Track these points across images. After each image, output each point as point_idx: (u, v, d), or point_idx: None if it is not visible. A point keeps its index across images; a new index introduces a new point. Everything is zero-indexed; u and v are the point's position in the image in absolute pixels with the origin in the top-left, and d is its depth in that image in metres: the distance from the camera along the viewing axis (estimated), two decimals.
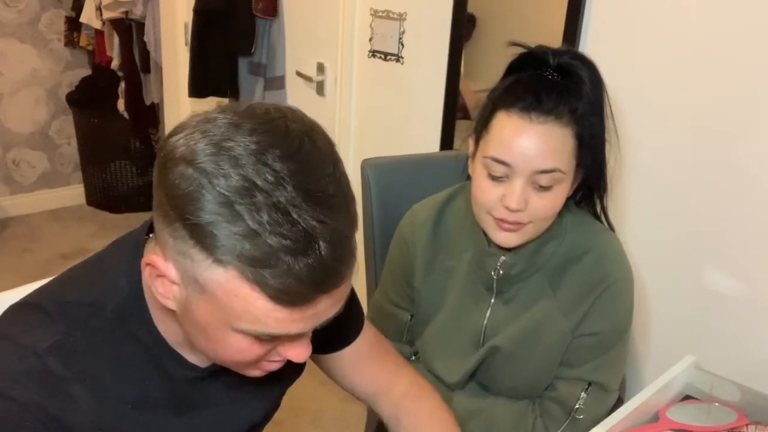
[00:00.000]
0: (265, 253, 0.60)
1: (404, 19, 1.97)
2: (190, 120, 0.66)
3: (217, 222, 0.61)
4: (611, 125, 1.10)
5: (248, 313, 0.65)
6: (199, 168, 0.61)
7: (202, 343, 0.73)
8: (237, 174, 0.61)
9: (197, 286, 0.65)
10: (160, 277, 0.69)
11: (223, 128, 0.64)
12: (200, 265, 0.63)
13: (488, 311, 1.18)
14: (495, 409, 1.18)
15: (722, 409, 1.10)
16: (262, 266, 0.61)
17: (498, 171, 1.03)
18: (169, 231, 0.64)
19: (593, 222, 1.18)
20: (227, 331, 0.68)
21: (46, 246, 3.36)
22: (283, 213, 0.61)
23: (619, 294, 1.12)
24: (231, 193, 0.60)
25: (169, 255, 0.66)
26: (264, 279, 0.62)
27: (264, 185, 0.61)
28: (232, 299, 0.64)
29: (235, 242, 0.61)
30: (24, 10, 3.43)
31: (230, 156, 0.61)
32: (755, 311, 1.37)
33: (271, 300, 0.63)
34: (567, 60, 1.05)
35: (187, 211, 0.62)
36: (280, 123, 0.65)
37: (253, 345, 0.70)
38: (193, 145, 0.63)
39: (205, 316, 0.68)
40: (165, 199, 0.64)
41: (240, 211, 0.60)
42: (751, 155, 1.32)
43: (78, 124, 3.65)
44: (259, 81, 2.42)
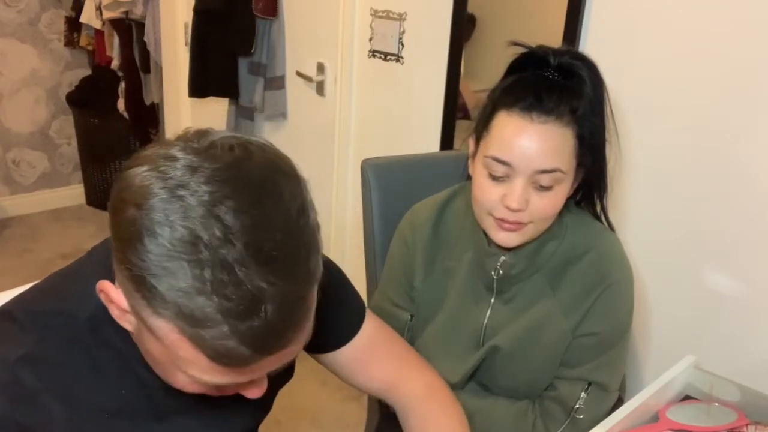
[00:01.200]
0: (205, 313, 0.57)
1: (404, 19, 1.97)
2: (151, 153, 0.63)
3: (159, 275, 0.58)
4: (611, 125, 1.10)
5: (196, 363, 0.62)
6: (148, 216, 0.58)
7: (156, 370, 0.72)
8: (183, 226, 0.57)
9: (143, 324, 0.64)
10: (111, 303, 0.67)
11: (180, 171, 0.59)
12: (144, 311, 0.61)
13: (488, 311, 1.18)
14: (495, 409, 1.18)
15: (722, 409, 1.10)
16: (201, 326, 0.58)
17: (499, 171, 1.03)
18: (118, 267, 0.63)
19: (593, 222, 1.18)
20: (176, 371, 0.66)
21: (46, 246, 3.36)
22: (228, 272, 0.57)
23: (619, 294, 1.12)
24: (174, 246, 0.57)
25: (121, 286, 0.65)
26: (202, 339, 0.59)
27: (210, 240, 0.57)
28: (177, 349, 0.62)
29: (176, 298, 0.58)
30: (24, 10, 3.43)
31: (181, 205, 0.58)
32: (755, 311, 1.37)
33: (209, 359, 0.60)
34: (568, 60, 1.05)
35: (129, 260, 0.59)
36: (240, 169, 0.61)
37: (205, 386, 0.68)
38: (148, 185, 0.59)
39: (155, 351, 0.66)
40: (114, 236, 0.62)
41: (182, 267, 0.57)
42: (752, 155, 1.32)
43: (78, 124, 3.65)
44: (259, 81, 2.42)
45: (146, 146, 0.65)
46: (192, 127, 0.68)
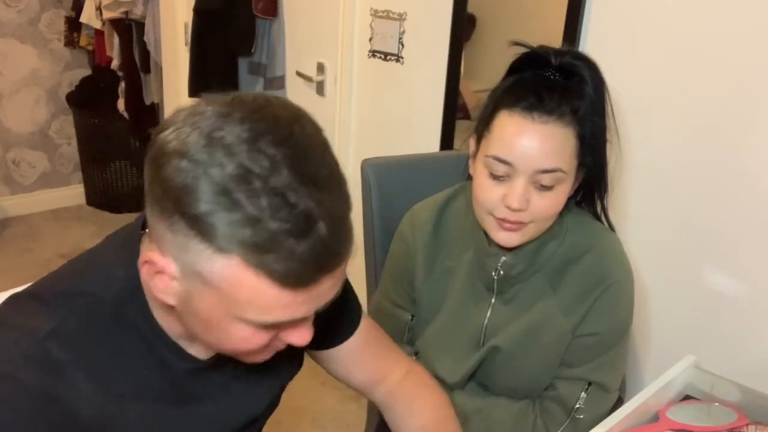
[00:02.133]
0: (267, 238, 0.61)
1: (404, 19, 1.97)
2: (176, 115, 0.66)
3: (216, 211, 0.61)
4: (612, 125, 1.10)
5: (252, 302, 0.65)
6: (193, 159, 0.62)
7: (204, 335, 0.73)
8: (232, 162, 0.61)
9: (200, 279, 0.65)
10: (158, 273, 0.68)
11: (212, 119, 0.64)
12: (202, 256, 0.63)
13: (488, 311, 1.18)
14: (495, 408, 1.18)
15: (722, 409, 1.10)
16: (265, 251, 0.62)
17: (500, 170, 1.03)
18: (167, 225, 0.64)
19: (594, 222, 1.18)
20: (231, 321, 0.68)
21: (46, 246, 3.36)
22: (281, 197, 0.61)
23: (620, 294, 1.12)
24: (228, 181, 0.61)
25: (168, 250, 0.66)
26: (268, 264, 0.62)
27: (260, 171, 0.61)
28: (237, 289, 0.64)
29: (236, 230, 0.61)
30: (24, 10, 3.43)
31: (223, 145, 0.62)
32: (755, 311, 1.37)
33: (275, 284, 0.64)
34: (569, 60, 1.05)
35: (184, 204, 0.62)
36: (268, 111, 0.66)
37: (258, 333, 0.70)
38: (185, 138, 0.63)
39: (208, 308, 0.68)
40: (161, 193, 0.64)
41: (238, 199, 0.60)
42: (752, 155, 1.32)
43: (78, 124, 3.65)
44: (259, 81, 2.42)
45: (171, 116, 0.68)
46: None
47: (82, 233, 3.53)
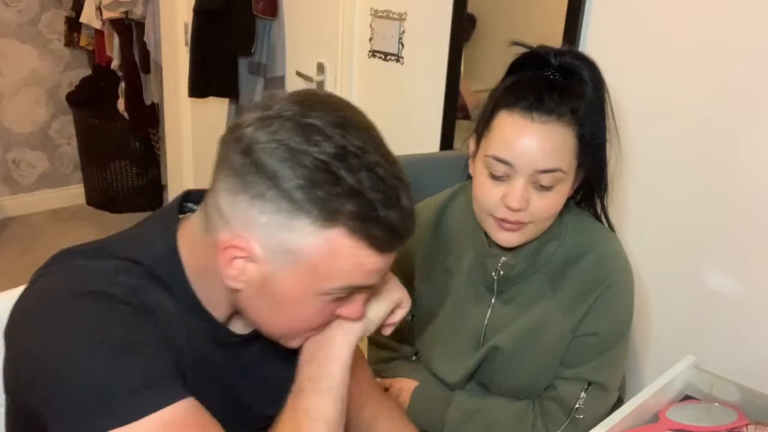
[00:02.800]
0: (368, 208, 0.69)
1: (404, 19, 1.97)
2: (250, 114, 0.72)
3: (320, 186, 0.68)
4: (612, 125, 1.10)
5: (342, 270, 0.72)
6: (292, 142, 0.68)
7: (271, 318, 0.78)
8: (329, 142, 0.69)
9: (289, 257, 0.71)
10: (235, 259, 0.72)
11: (296, 108, 0.71)
12: (303, 232, 0.69)
13: (489, 311, 1.18)
14: (495, 408, 1.18)
15: (722, 409, 1.10)
16: (367, 220, 0.70)
17: (499, 170, 1.03)
18: (261, 208, 0.69)
19: (593, 222, 1.18)
20: (310, 297, 0.75)
21: (46, 246, 3.36)
22: (374, 172, 0.70)
23: (620, 294, 1.12)
24: (328, 159, 0.68)
25: (257, 233, 0.71)
26: (368, 231, 0.70)
27: (354, 150, 0.70)
28: (330, 258, 0.71)
29: (341, 202, 0.68)
30: (24, 10, 3.43)
31: (317, 129, 0.69)
32: (755, 311, 1.37)
33: (372, 249, 0.72)
34: (569, 60, 1.05)
35: (288, 183, 0.68)
36: (342, 104, 0.75)
37: (327, 307, 0.77)
38: (277, 127, 0.70)
39: (292, 286, 0.73)
40: (259, 177, 0.69)
41: (340, 174, 0.68)
42: (752, 155, 1.32)
43: (78, 124, 3.65)
44: (259, 81, 2.42)
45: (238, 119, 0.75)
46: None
47: (82, 233, 3.53)
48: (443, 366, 1.22)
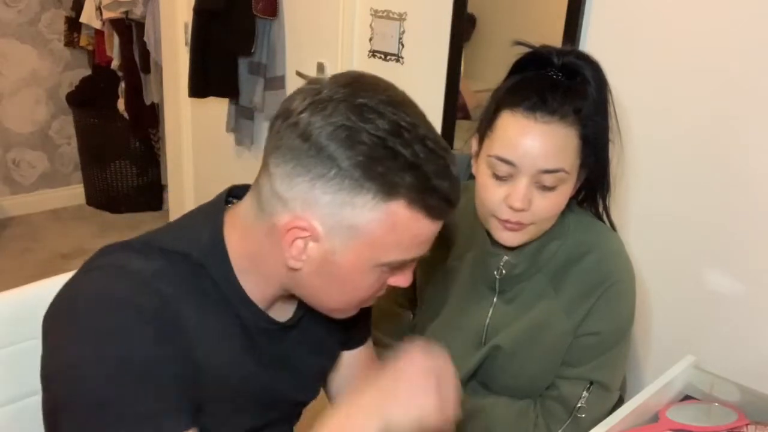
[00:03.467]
0: (426, 179, 0.73)
1: (404, 19, 1.97)
2: (299, 100, 0.74)
3: (380, 162, 0.71)
4: (614, 125, 1.10)
5: (399, 242, 0.76)
6: (348, 123, 0.71)
7: (328, 294, 0.81)
8: (383, 119, 0.72)
9: (350, 233, 0.74)
10: (299, 239, 0.75)
11: (346, 90, 0.74)
12: (364, 207, 0.73)
13: (490, 310, 1.18)
14: (496, 408, 1.18)
15: (722, 409, 1.10)
16: (425, 190, 0.74)
17: (502, 170, 1.03)
18: (323, 188, 0.72)
19: (595, 222, 1.18)
20: (368, 270, 0.78)
21: (46, 246, 3.36)
22: (425, 146, 0.73)
23: (621, 294, 1.12)
24: (385, 135, 0.71)
25: (318, 212, 0.74)
26: (427, 201, 0.74)
27: (406, 125, 0.73)
28: (390, 231, 0.75)
29: (401, 175, 0.72)
30: (24, 10, 3.43)
31: (369, 108, 0.72)
32: (755, 311, 1.37)
33: (429, 218, 0.76)
34: (571, 60, 1.05)
35: (349, 161, 0.71)
36: (387, 85, 0.78)
37: (381, 278, 0.81)
38: (331, 110, 0.72)
39: (351, 260, 0.77)
40: (320, 158, 0.71)
41: (397, 148, 0.71)
42: (753, 155, 1.32)
43: (78, 124, 3.65)
44: (259, 81, 2.42)
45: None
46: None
47: (82, 233, 3.53)
48: None
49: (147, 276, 0.76)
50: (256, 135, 2.57)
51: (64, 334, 0.74)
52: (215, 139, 2.74)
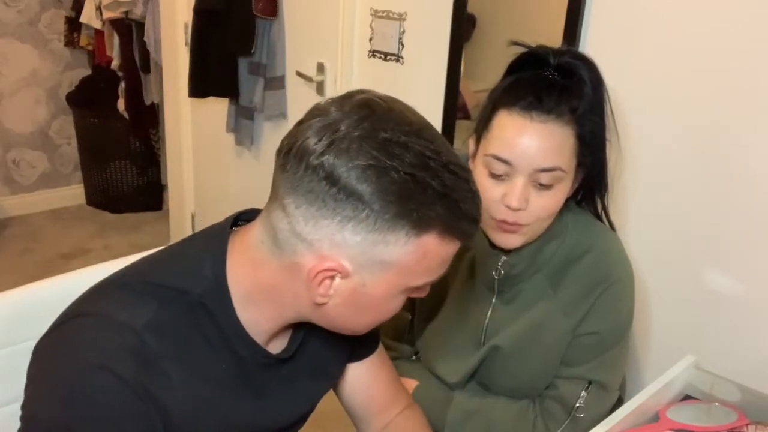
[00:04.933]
0: (456, 206, 0.73)
1: (404, 19, 1.97)
2: (316, 140, 0.72)
3: (411, 197, 0.70)
4: (612, 125, 1.10)
5: (429, 268, 0.77)
6: (376, 163, 0.70)
7: (355, 320, 0.82)
8: (408, 153, 0.71)
9: (382, 267, 0.74)
10: (328, 279, 0.75)
11: (364, 125, 0.72)
12: (397, 244, 0.72)
13: (489, 311, 1.18)
14: (495, 408, 1.18)
15: (722, 409, 1.10)
16: (457, 218, 0.74)
17: (499, 169, 1.03)
18: (352, 231, 0.71)
19: (594, 222, 1.18)
20: (396, 295, 0.79)
21: (46, 246, 3.36)
22: (449, 171, 0.73)
23: (620, 294, 1.12)
24: (412, 168, 0.70)
25: (346, 252, 0.73)
26: (459, 227, 0.75)
27: (431, 154, 0.72)
28: (422, 260, 0.75)
29: (431, 207, 0.72)
30: (24, 10, 3.43)
31: (392, 142, 0.71)
32: (755, 311, 1.37)
33: (458, 241, 0.77)
34: (568, 60, 1.05)
35: (382, 202, 0.70)
36: (402, 108, 0.77)
37: (403, 298, 0.80)
38: (357, 151, 0.70)
39: (382, 290, 0.76)
40: (349, 200, 0.70)
41: (426, 181, 0.71)
42: (752, 154, 1.32)
43: (78, 124, 3.65)
44: (259, 81, 2.42)
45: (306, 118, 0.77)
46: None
47: (82, 233, 3.53)
48: (443, 366, 1.22)
49: (134, 329, 0.74)
50: (256, 135, 2.57)
51: (40, 384, 0.74)
52: (215, 139, 2.74)
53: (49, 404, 0.72)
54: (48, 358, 0.76)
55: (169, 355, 0.76)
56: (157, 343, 0.75)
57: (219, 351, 0.81)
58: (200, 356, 0.79)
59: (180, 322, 0.78)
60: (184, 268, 0.82)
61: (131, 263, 0.85)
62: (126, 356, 0.73)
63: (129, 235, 3.53)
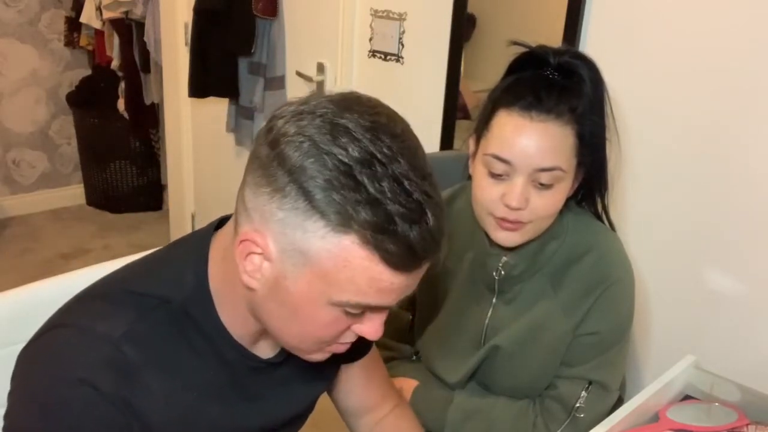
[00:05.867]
0: (385, 219, 0.65)
1: (404, 19, 1.97)
2: (286, 107, 0.70)
3: (338, 189, 0.64)
4: (612, 124, 1.10)
5: (353, 283, 0.68)
6: (318, 140, 0.66)
7: (283, 323, 0.75)
8: (356, 146, 0.65)
9: (302, 259, 0.68)
10: (252, 254, 0.71)
11: (332, 108, 0.68)
12: (315, 235, 0.66)
13: (489, 311, 1.18)
14: (495, 408, 1.18)
15: (722, 409, 1.10)
16: (382, 231, 0.65)
17: (499, 168, 1.03)
18: (279, 204, 0.67)
19: (594, 222, 1.18)
20: (321, 305, 0.71)
21: (46, 246, 3.36)
22: (399, 184, 0.66)
23: (620, 293, 1.12)
24: (352, 163, 0.65)
25: (272, 229, 0.68)
26: (382, 244, 0.66)
27: (382, 157, 0.66)
28: (342, 268, 0.67)
29: (357, 209, 0.64)
30: (24, 10, 3.43)
31: (346, 130, 0.66)
32: (755, 311, 1.37)
33: (385, 265, 0.67)
34: (567, 59, 1.05)
35: (306, 181, 0.65)
36: (382, 109, 0.71)
37: (339, 319, 0.73)
38: (307, 123, 0.67)
39: (303, 290, 0.70)
40: (281, 171, 0.66)
41: (362, 180, 0.64)
42: (752, 154, 1.32)
43: (78, 124, 3.65)
44: (259, 81, 2.42)
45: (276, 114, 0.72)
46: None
47: (82, 233, 3.53)
48: (444, 366, 1.22)
49: (112, 340, 0.73)
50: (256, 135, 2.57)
51: (20, 395, 0.74)
52: (215, 139, 2.74)
53: (28, 416, 0.72)
54: (28, 370, 0.75)
55: (150, 364, 0.74)
56: (136, 353, 0.73)
57: (205, 357, 0.79)
58: (184, 364, 0.78)
59: (161, 331, 0.76)
60: (165, 274, 0.80)
61: (114, 270, 0.83)
62: (104, 369, 0.72)
63: (129, 235, 3.53)
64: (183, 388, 0.78)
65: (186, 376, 0.78)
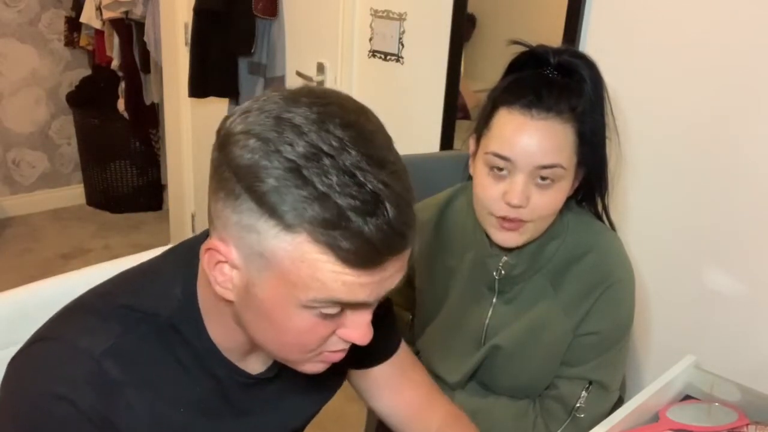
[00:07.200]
0: (336, 214, 0.61)
1: (404, 19, 1.97)
2: (241, 105, 0.68)
3: (285, 187, 0.61)
4: (612, 124, 1.10)
5: (316, 279, 0.64)
6: (262, 138, 0.62)
7: (265, 333, 0.72)
8: (301, 141, 0.62)
9: (262, 262, 0.65)
10: (219, 263, 0.69)
11: (279, 103, 0.65)
12: (269, 234, 0.63)
13: (490, 311, 1.18)
14: (495, 408, 1.18)
15: (722, 409, 1.10)
16: (333, 228, 0.61)
17: (499, 166, 1.03)
18: (233, 207, 0.64)
19: (594, 221, 1.18)
20: (293, 309, 0.67)
21: (46, 246, 3.36)
22: (350, 176, 0.62)
23: (621, 293, 1.12)
24: (297, 158, 0.61)
25: (232, 235, 0.66)
26: (335, 241, 0.62)
27: (329, 150, 0.62)
28: (300, 266, 0.64)
29: (305, 206, 0.61)
30: (24, 10, 3.43)
31: (292, 125, 0.63)
32: (755, 311, 1.37)
33: (341, 262, 0.63)
34: (567, 59, 1.05)
35: (253, 181, 0.62)
36: (334, 98, 0.67)
37: (318, 324, 0.69)
38: (252, 120, 0.64)
39: (271, 295, 0.67)
40: (229, 173, 0.64)
41: (308, 176, 0.61)
42: (752, 154, 1.32)
43: (78, 124, 3.65)
44: (259, 81, 2.42)
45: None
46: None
47: (82, 233, 3.53)
48: (444, 365, 1.22)
49: (93, 356, 0.71)
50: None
51: (4, 406, 0.73)
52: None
53: (7, 429, 0.71)
54: (12, 381, 0.74)
55: (133, 381, 0.73)
56: (118, 370, 0.71)
57: (194, 373, 0.77)
58: (171, 380, 0.76)
59: (147, 347, 0.74)
60: (154, 287, 0.78)
61: (105, 281, 0.81)
62: (83, 385, 0.70)
63: (129, 235, 3.53)
64: (169, 404, 0.76)
65: (172, 392, 0.76)
